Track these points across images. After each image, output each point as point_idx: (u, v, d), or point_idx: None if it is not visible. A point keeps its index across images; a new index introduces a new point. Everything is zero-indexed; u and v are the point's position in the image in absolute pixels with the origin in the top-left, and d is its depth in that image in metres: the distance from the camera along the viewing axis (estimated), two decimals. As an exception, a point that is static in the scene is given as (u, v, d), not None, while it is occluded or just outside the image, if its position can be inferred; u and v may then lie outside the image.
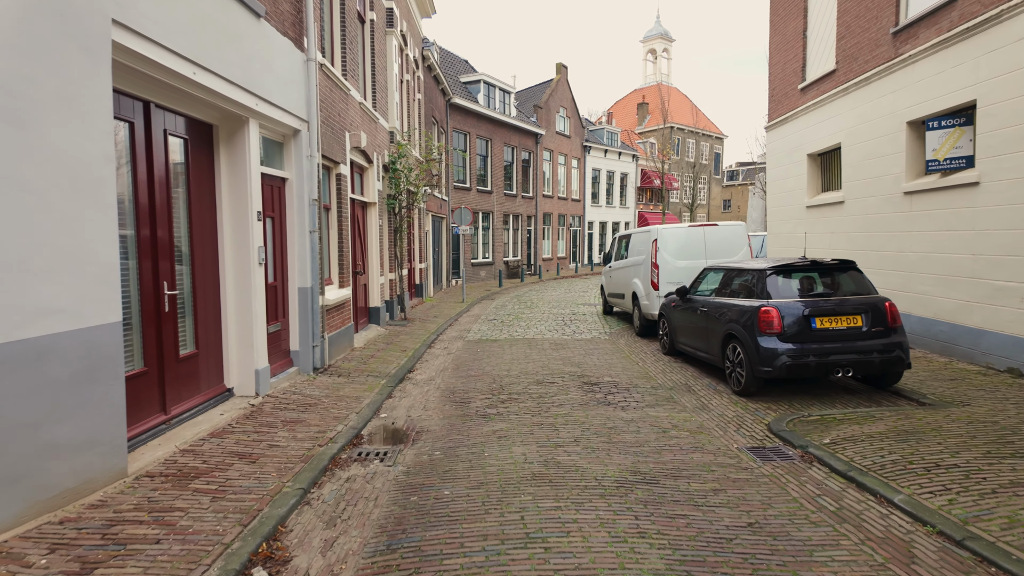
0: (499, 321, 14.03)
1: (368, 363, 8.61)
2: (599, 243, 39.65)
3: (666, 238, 10.98)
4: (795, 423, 5.80)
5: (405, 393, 7.33)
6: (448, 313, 15.21)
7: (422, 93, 18.66)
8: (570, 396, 6.94)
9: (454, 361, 9.29)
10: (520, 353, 9.79)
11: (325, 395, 6.78)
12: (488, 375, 8.14)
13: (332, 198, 9.11)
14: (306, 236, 7.56)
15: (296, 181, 7.49)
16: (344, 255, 9.31)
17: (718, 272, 8.24)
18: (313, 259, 7.65)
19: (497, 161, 27.77)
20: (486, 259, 27.66)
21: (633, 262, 12.16)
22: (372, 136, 11.37)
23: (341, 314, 9.10)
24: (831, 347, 6.46)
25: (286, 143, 7.47)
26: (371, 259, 11.69)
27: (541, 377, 7.93)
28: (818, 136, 12.11)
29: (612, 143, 40.10)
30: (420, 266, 18.20)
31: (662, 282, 10.84)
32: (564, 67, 34.25)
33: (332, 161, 8.90)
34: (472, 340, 11.35)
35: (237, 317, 6.37)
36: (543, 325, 13.22)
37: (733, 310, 7.18)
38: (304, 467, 4.57)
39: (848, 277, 7.01)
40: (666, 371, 8.33)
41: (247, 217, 6.30)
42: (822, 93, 11.88)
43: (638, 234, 12.18)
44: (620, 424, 5.83)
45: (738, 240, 11.07)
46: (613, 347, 10.33)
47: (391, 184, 12.82)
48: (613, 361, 9.04)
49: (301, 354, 7.61)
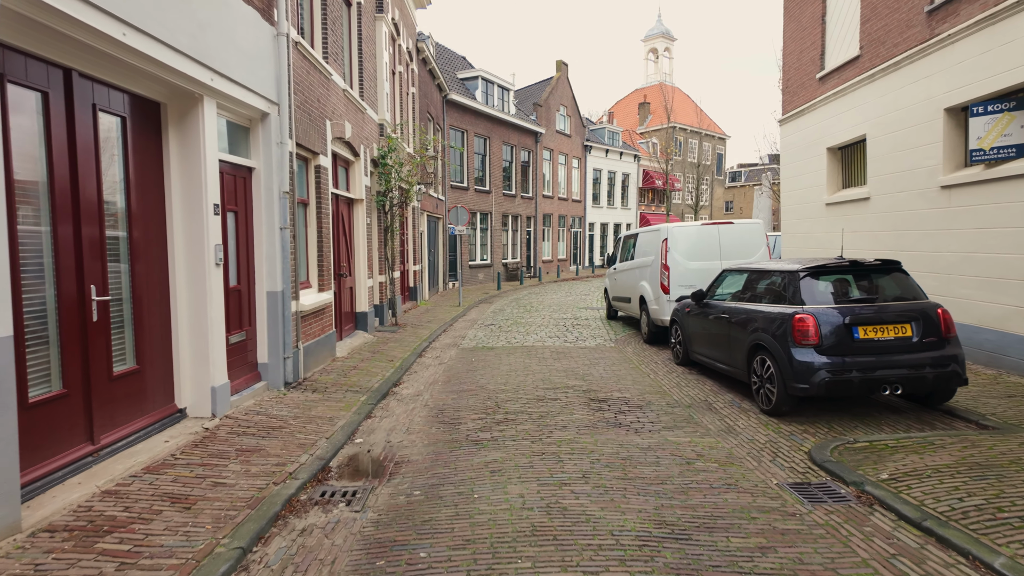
0: (496, 327, 13.16)
1: (349, 376, 7.74)
2: (600, 245, 38.79)
3: (677, 237, 10.12)
4: (841, 451, 4.93)
5: (387, 412, 6.46)
6: (443, 318, 14.34)
7: (416, 87, 17.83)
8: (575, 416, 6.07)
9: (446, 373, 8.41)
10: (518, 363, 8.91)
11: (294, 415, 5.90)
12: (482, 390, 7.27)
13: (310, 192, 8.24)
14: (276, 233, 6.69)
15: (264, 171, 6.62)
16: (324, 255, 8.45)
17: (739, 274, 7.38)
18: (284, 259, 6.78)
19: (496, 160, 26.93)
20: (484, 261, 26.80)
21: (640, 264, 11.29)
22: (358, 127, 10.52)
23: (320, 320, 8.23)
24: (877, 361, 5.59)
25: (253, 128, 6.60)
26: (358, 260, 10.83)
27: (542, 392, 7.05)
28: (839, 128, 11.26)
29: (614, 143, 39.28)
30: (414, 268, 17.34)
31: (673, 285, 9.97)
32: (564, 64, 33.44)
33: (310, 151, 8.04)
34: (467, 348, 10.48)
35: (190, 326, 5.50)
36: (543, 331, 12.35)
37: (760, 318, 6.31)
38: (250, 515, 3.69)
39: (892, 280, 6.15)
40: (681, 385, 7.46)
41: (202, 210, 5.43)
42: (844, 81, 11.03)
43: (646, 233, 11.33)
44: (635, 453, 4.96)
45: (755, 240, 10.21)
46: (620, 356, 9.45)
47: (381, 180, 11.97)
48: (621, 372, 8.17)
49: (270, 367, 6.74)
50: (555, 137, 32.34)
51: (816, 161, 12.14)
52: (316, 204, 8.29)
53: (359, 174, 10.64)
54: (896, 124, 9.46)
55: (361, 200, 10.78)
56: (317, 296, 8.14)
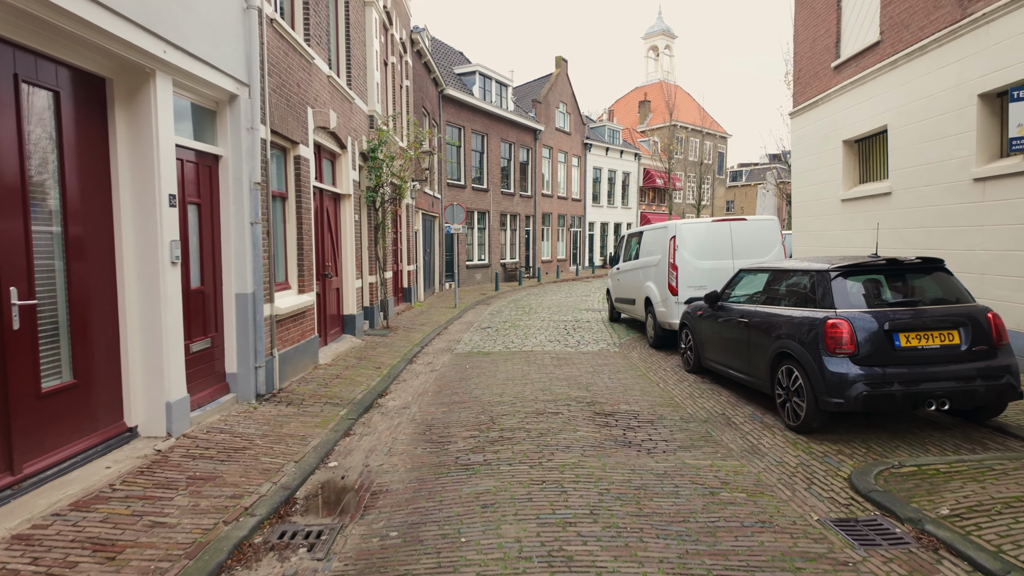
0: (493, 330, 12.50)
1: (331, 385, 7.07)
2: (600, 245, 38.13)
3: (686, 235, 9.46)
4: (886, 478, 4.28)
5: (369, 428, 5.79)
6: (437, 320, 13.67)
7: (410, 80, 17.16)
8: (579, 433, 5.40)
9: (437, 381, 7.74)
10: (516, 370, 8.25)
11: (262, 433, 5.24)
12: (476, 402, 6.60)
13: (289, 185, 7.58)
14: (246, 229, 6.02)
15: (233, 159, 5.95)
16: (305, 254, 7.78)
17: (759, 274, 6.72)
18: (255, 258, 6.11)
19: (493, 158, 26.26)
20: (482, 261, 26.14)
21: (646, 263, 10.63)
22: (345, 118, 9.85)
23: (300, 325, 7.56)
24: (921, 372, 4.94)
25: (220, 112, 5.94)
26: (345, 260, 10.16)
27: (542, 405, 6.39)
28: (857, 119, 10.61)
29: (614, 141, 38.63)
30: (408, 268, 16.67)
31: (682, 286, 9.31)
32: (564, 60, 32.78)
33: (288, 140, 7.38)
34: (461, 353, 9.81)
35: (143, 334, 4.84)
36: (543, 334, 11.69)
37: (786, 323, 5.65)
38: (186, 567, 3.03)
39: (934, 281, 5.49)
40: (694, 395, 6.80)
41: (155, 202, 4.77)
42: (862, 70, 10.38)
43: (652, 231, 10.66)
44: (650, 480, 4.29)
45: (770, 237, 9.56)
46: (625, 362, 8.79)
47: (371, 175, 11.30)
48: (628, 381, 7.51)
49: (240, 377, 6.07)
50: (554, 135, 31.68)
51: (831, 155, 11.49)
52: (296, 198, 7.63)
53: (346, 168, 9.97)
54: (922, 113, 8.81)
55: (349, 195, 10.11)
56: (296, 298, 7.47)
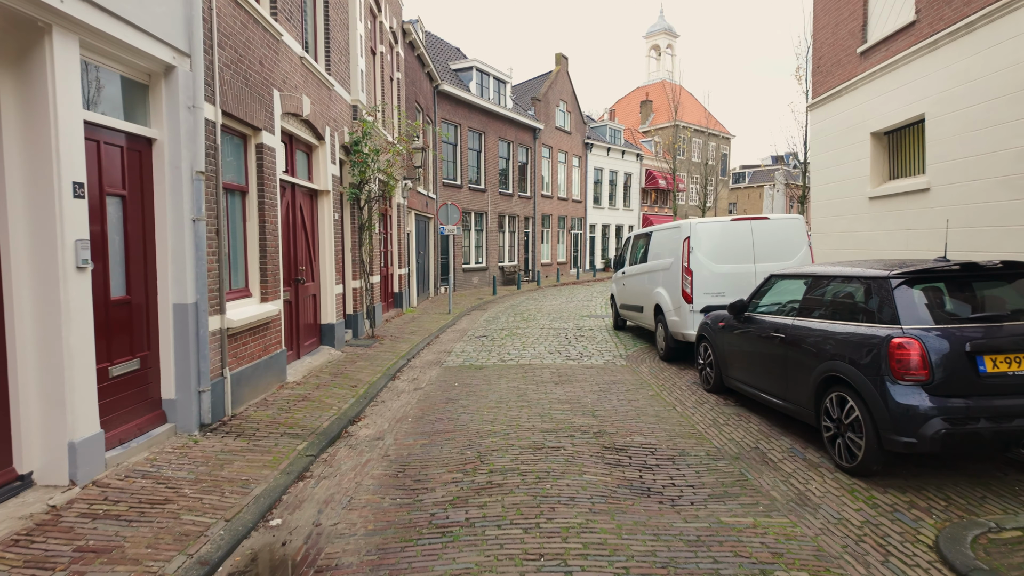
0: (489, 339, 11.50)
1: (294, 410, 6.07)
2: (601, 247, 37.15)
3: (702, 236, 8.47)
4: (985, 547, 3.29)
5: (332, 467, 4.80)
6: (428, 328, 12.68)
7: (402, 73, 16.20)
8: (586, 477, 4.41)
9: (420, 403, 6.75)
10: (511, 390, 7.25)
11: (195, 478, 4.24)
12: (463, 431, 5.60)
13: (250, 177, 6.59)
14: (186, 227, 5.03)
15: (169, 144, 4.97)
16: (270, 257, 6.79)
17: (795, 281, 5.73)
18: (198, 261, 5.12)
19: (491, 157, 25.30)
20: (479, 264, 25.16)
21: (656, 267, 9.64)
22: (322, 106, 8.88)
23: (263, 338, 6.57)
24: (1015, 404, 3.95)
25: (153, 86, 4.95)
26: (323, 263, 9.17)
27: (540, 436, 5.38)
28: (887, 109, 9.64)
29: (615, 141, 37.69)
30: (399, 272, 15.69)
31: (697, 292, 8.33)
32: (564, 58, 31.84)
33: (248, 126, 6.40)
34: (451, 367, 8.82)
35: (39, 356, 3.85)
36: (542, 344, 10.69)
37: (836, 341, 4.66)
38: None
39: (1016, 290, 4.50)
40: (718, 422, 5.80)
41: (53, 192, 3.79)
42: (894, 54, 9.41)
43: (663, 231, 9.67)
44: (681, 553, 3.30)
45: (795, 238, 8.57)
46: (635, 379, 7.80)
47: (354, 170, 10.32)
48: (640, 404, 6.51)
49: (180, 404, 5.08)
50: (554, 134, 30.73)
51: (856, 148, 10.52)
52: (258, 192, 6.64)
53: (324, 161, 8.99)
54: (968, 99, 7.83)
55: (327, 192, 9.13)
56: (258, 308, 6.48)
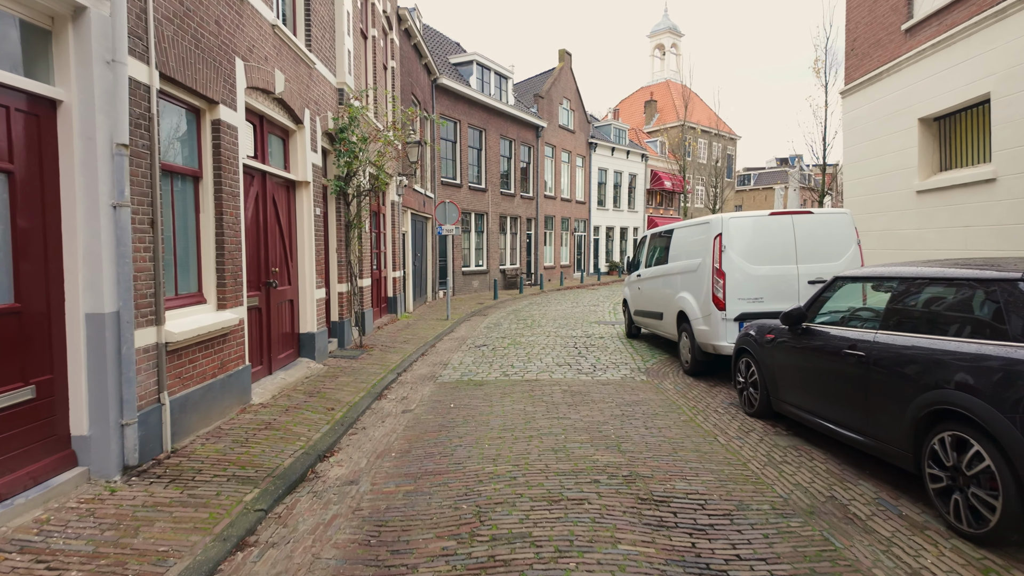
0: (490, 349, 10.39)
1: (253, 441, 4.96)
2: (605, 250, 36.05)
3: (736, 233, 7.36)
4: None
5: (285, 528, 3.67)
6: (424, 336, 11.56)
7: (397, 62, 15.14)
8: (622, 549, 3.28)
9: (408, 431, 5.63)
10: (517, 413, 6.14)
11: (92, 551, 3.13)
12: (458, 472, 4.48)
13: (204, 160, 5.50)
14: (103, 215, 3.93)
15: (80, 108, 3.86)
16: (229, 256, 5.69)
17: (872, 284, 4.62)
18: (121, 259, 4.02)
19: (492, 155, 24.23)
20: (479, 267, 24.05)
21: (679, 269, 8.54)
22: (301, 85, 7.79)
23: (219, 353, 5.46)
24: None
25: (58, 33, 3.85)
26: (302, 264, 8.07)
27: (556, 482, 4.26)
28: (940, 91, 8.55)
29: (620, 140, 36.63)
30: (394, 275, 14.59)
31: (731, 298, 7.22)
32: (568, 54, 30.80)
33: (201, 97, 5.31)
34: (447, 383, 7.70)
35: None
36: (549, 355, 9.58)
37: (948, 363, 3.53)
38: None
39: None
40: (774, 459, 4.69)
41: None
42: (949, 27, 8.33)
43: (688, 228, 8.57)
44: None
45: (843, 236, 7.46)
46: (660, 399, 6.68)
47: (339, 160, 9.23)
48: (673, 433, 5.39)
49: (95, 442, 3.96)
50: (557, 132, 29.66)
51: (901, 137, 9.42)
52: (215, 178, 5.55)
53: (303, 148, 7.89)
54: (1048, 72, 6.75)
55: (307, 183, 8.03)
56: (214, 316, 5.38)
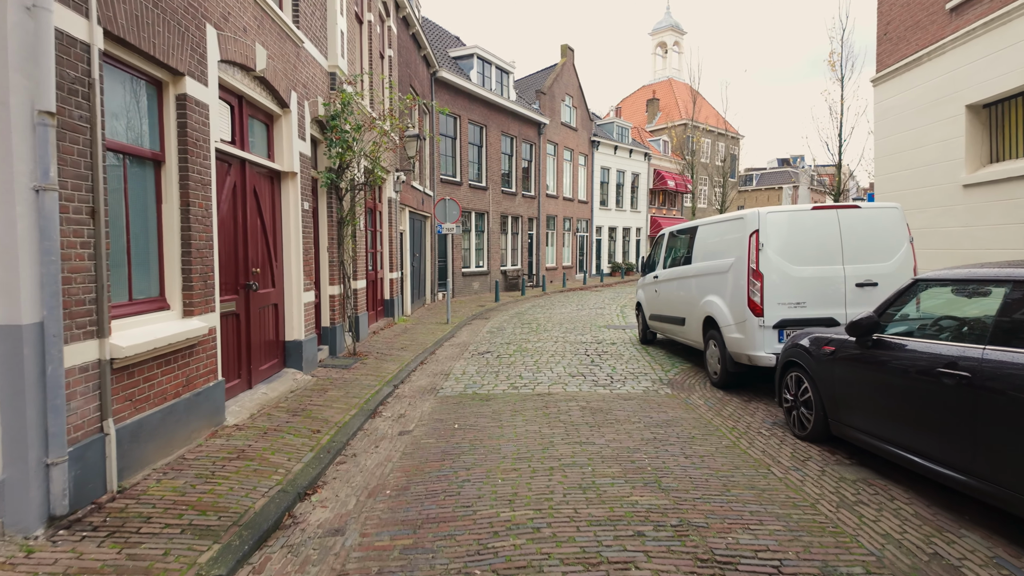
0: (494, 356, 9.58)
1: (220, 475, 4.14)
2: (608, 251, 35.26)
3: (775, 229, 6.57)
4: None
5: (248, 602, 2.86)
6: (423, 342, 10.75)
7: (394, 51, 14.33)
8: (691, 641, 2.48)
9: (405, 461, 4.81)
10: (532, 436, 5.33)
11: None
12: (468, 521, 3.66)
13: (167, 141, 4.68)
14: (20, 200, 3.11)
15: (-11, 63, 3.06)
16: (198, 254, 4.88)
17: (974, 289, 3.83)
18: (46, 255, 3.20)
19: (493, 152, 23.43)
20: (480, 268, 23.24)
21: (706, 270, 7.74)
22: (286, 64, 6.99)
23: (184, 367, 4.65)
24: None
25: (-39, -33, 3.05)
26: (288, 264, 7.26)
27: (591, 535, 3.43)
28: (993, 74, 7.77)
29: (623, 139, 35.85)
30: (391, 276, 13.77)
31: (769, 302, 6.42)
32: (570, 49, 30.02)
33: (162, 67, 4.50)
34: (450, 397, 6.89)
35: None
36: (560, 364, 8.77)
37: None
38: None
39: None
40: (846, 498, 3.88)
41: None
42: (1003, 5, 7.55)
43: (716, 225, 7.77)
44: None
45: (893, 233, 6.66)
46: (693, 418, 5.88)
47: (331, 151, 8.42)
48: (719, 462, 4.59)
49: (9, 488, 3.14)
50: (560, 130, 28.88)
51: (945, 126, 8.64)
52: (180, 162, 4.73)
53: (289, 135, 7.09)
54: None
55: (293, 174, 7.22)
56: (177, 325, 4.56)
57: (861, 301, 6.42)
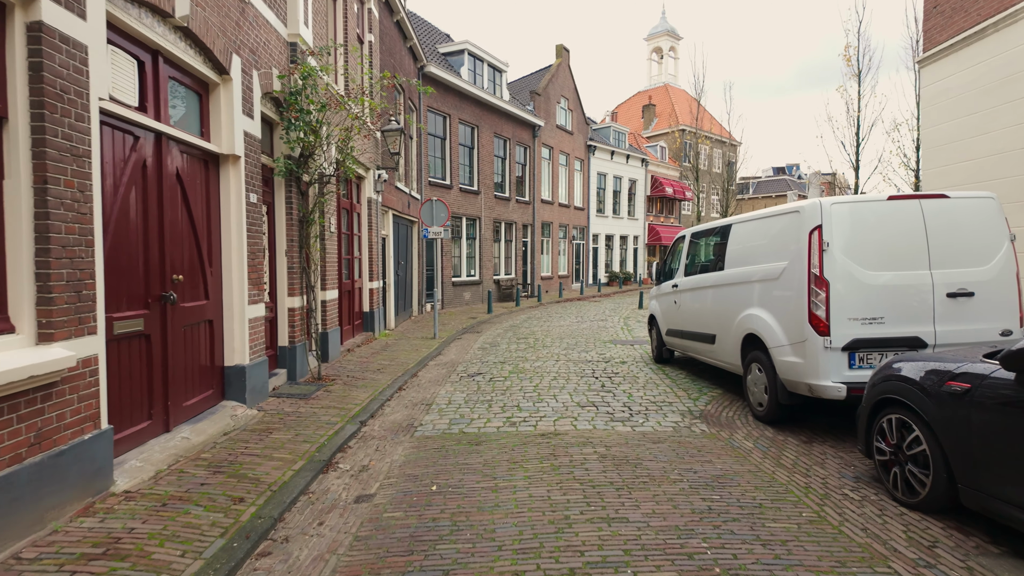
0: (487, 379, 8.13)
1: (59, 595, 2.67)
2: (605, 259, 33.92)
3: (841, 224, 5.19)
4: None
5: None
6: (404, 361, 9.28)
7: (376, 36, 12.96)
8: None
9: (353, 557, 3.34)
10: (537, 506, 3.88)
11: None
12: None
13: (9, 89, 3.25)
14: None
15: None
16: (67, 252, 3.43)
17: None
18: None
19: (486, 155, 22.07)
20: (471, 277, 21.79)
21: (747, 276, 6.35)
22: (225, 19, 5.57)
23: (37, 418, 3.18)
24: None
25: None
26: (228, 270, 5.80)
27: None
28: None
29: (619, 144, 34.64)
30: (372, 286, 12.31)
31: (837, 317, 5.02)
32: (565, 50, 28.83)
33: (-5, -25, 3.07)
34: (429, 439, 5.43)
35: None
36: (565, 390, 7.35)
37: None
38: None
39: None
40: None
41: None
42: (1099, -44, 6.27)
43: (758, 222, 6.38)
44: None
45: (990, 229, 5.29)
46: (752, 472, 4.45)
47: (290, 135, 7.00)
48: (807, 551, 3.16)
49: None
50: (555, 133, 27.60)
51: (1017, 108, 7.34)
52: (34, 122, 3.29)
53: (230, 109, 5.66)
54: None
55: (236, 159, 5.79)
56: (24, 356, 3.10)
57: (954, 316, 5.05)
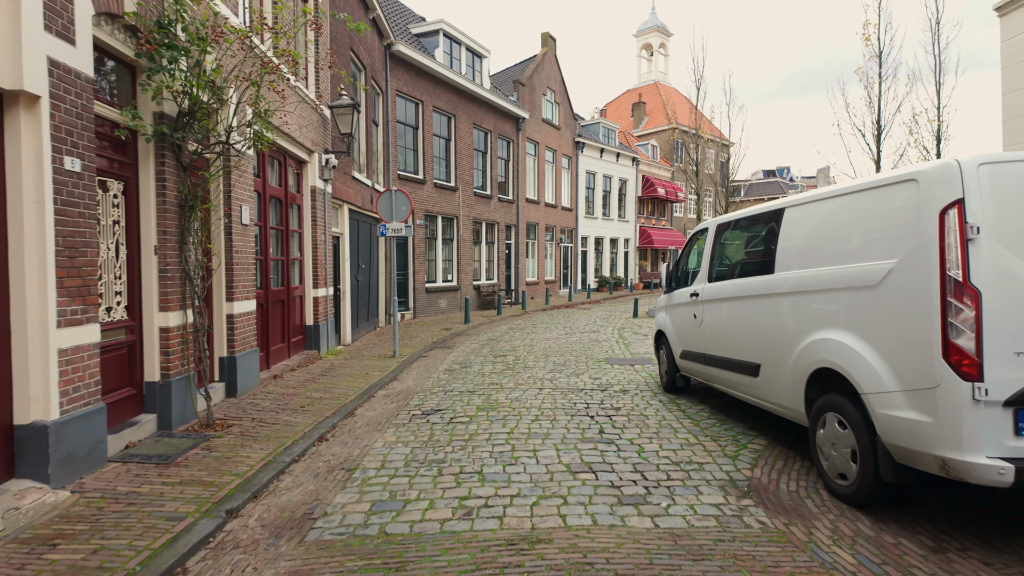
0: (446, 420, 6.03)
1: None
2: (595, 263, 31.98)
3: (999, 200, 3.19)
4: None
5: None
6: (342, 392, 7.16)
7: None
8: None
9: None
10: None
11: None
12: None
13: None
14: None
15: None
16: None
17: None
18: None
19: (464, 148, 20.01)
20: (448, 282, 19.67)
21: (818, 283, 4.32)
22: None
23: None
24: None
25: None
26: (19, 276, 3.68)
27: None
28: None
29: (610, 141, 32.78)
30: (318, 294, 10.17)
31: (994, 350, 3.02)
32: (552, 39, 26.91)
33: None
34: (326, 548, 3.33)
35: None
36: (550, 441, 5.28)
37: None
38: None
39: None
40: None
41: None
42: None
43: (834, 201, 4.34)
44: None
45: None
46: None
47: (164, 82, 4.89)
48: None
49: None
50: (541, 127, 25.62)
51: None
52: None
53: (15, 19, 3.55)
54: None
55: (32, 99, 3.68)
56: None
57: None
